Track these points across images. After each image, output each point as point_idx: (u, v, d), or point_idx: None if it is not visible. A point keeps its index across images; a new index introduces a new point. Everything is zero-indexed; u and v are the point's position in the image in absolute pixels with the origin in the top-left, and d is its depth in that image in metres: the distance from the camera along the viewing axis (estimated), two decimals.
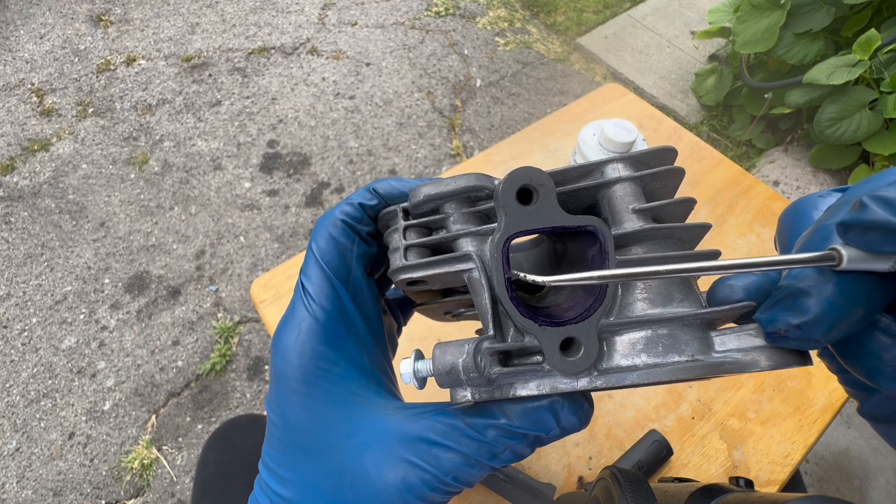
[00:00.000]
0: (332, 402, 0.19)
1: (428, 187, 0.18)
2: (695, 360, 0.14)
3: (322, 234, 0.21)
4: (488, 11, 1.98)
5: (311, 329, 0.20)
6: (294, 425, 0.19)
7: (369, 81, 1.69)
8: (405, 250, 0.19)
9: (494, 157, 0.60)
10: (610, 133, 0.49)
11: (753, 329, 0.15)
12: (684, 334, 0.15)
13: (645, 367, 0.15)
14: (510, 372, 0.15)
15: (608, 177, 0.17)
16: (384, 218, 0.21)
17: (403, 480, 0.17)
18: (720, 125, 1.67)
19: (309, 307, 0.20)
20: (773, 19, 1.37)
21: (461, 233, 0.18)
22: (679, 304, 0.15)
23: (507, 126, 1.62)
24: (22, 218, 1.34)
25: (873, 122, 1.21)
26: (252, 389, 1.12)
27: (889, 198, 0.10)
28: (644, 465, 0.39)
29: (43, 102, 1.57)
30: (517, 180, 0.14)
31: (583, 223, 0.15)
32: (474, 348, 0.15)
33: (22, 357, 1.14)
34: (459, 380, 0.16)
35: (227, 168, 1.46)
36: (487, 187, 0.18)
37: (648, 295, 0.16)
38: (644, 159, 0.18)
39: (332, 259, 0.20)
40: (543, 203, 0.14)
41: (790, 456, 0.42)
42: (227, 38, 1.79)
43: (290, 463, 0.19)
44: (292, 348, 0.20)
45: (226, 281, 1.26)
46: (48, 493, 1.00)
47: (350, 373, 0.20)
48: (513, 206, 0.14)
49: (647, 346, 0.15)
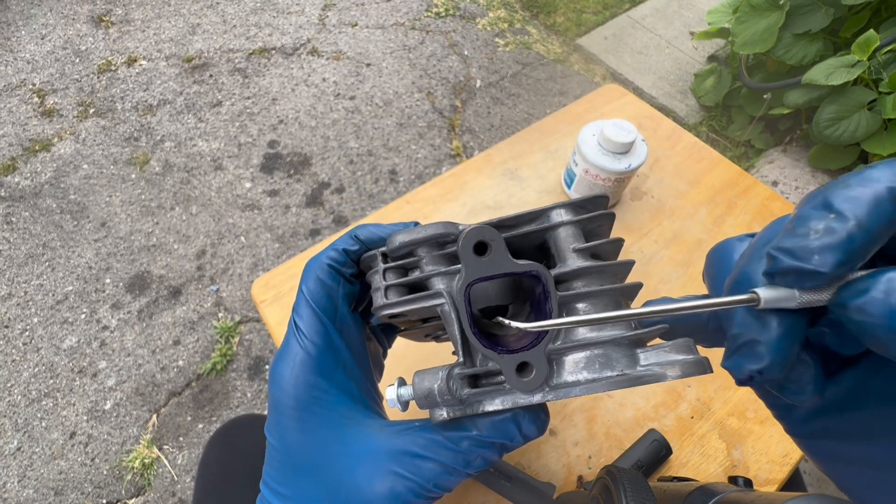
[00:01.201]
0: (325, 425, 0.22)
1: (402, 235, 0.21)
2: (623, 374, 0.18)
3: (311, 277, 0.23)
4: (488, 12, 1.99)
5: (304, 362, 0.22)
6: (292, 448, 0.22)
7: (369, 82, 1.69)
8: (386, 290, 0.22)
9: (494, 157, 0.60)
10: (609, 133, 0.49)
11: (669, 346, 0.18)
12: (616, 353, 0.18)
13: (586, 382, 0.18)
14: (478, 392, 0.19)
15: (553, 221, 0.21)
16: (366, 261, 0.24)
17: (391, 489, 0.20)
18: (719, 125, 1.67)
19: (301, 343, 0.22)
20: (772, 20, 1.37)
21: (433, 273, 0.21)
22: (612, 328, 0.19)
23: (506, 126, 1.62)
24: (23, 218, 1.34)
25: (872, 123, 1.21)
26: (253, 389, 1.12)
27: (787, 248, 0.13)
28: (643, 464, 0.39)
29: (44, 103, 1.58)
30: (473, 237, 0.17)
31: (528, 269, 0.18)
32: (447, 374, 0.19)
33: (23, 357, 1.15)
34: (436, 402, 0.19)
35: (227, 168, 1.46)
36: (453, 233, 0.21)
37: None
38: (582, 204, 0.21)
39: (320, 299, 0.23)
40: (496, 254, 0.17)
41: (789, 455, 0.42)
42: (227, 38, 1.79)
43: (290, 481, 0.21)
44: (288, 379, 0.22)
45: (226, 281, 1.26)
46: (49, 493, 1.00)
47: (340, 399, 0.22)
48: (471, 258, 0.17)
49: (587, 364, 0.18)
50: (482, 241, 0.17)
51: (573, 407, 0.44)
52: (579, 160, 0.52)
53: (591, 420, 0.43)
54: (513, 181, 0.59)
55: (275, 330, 0.47)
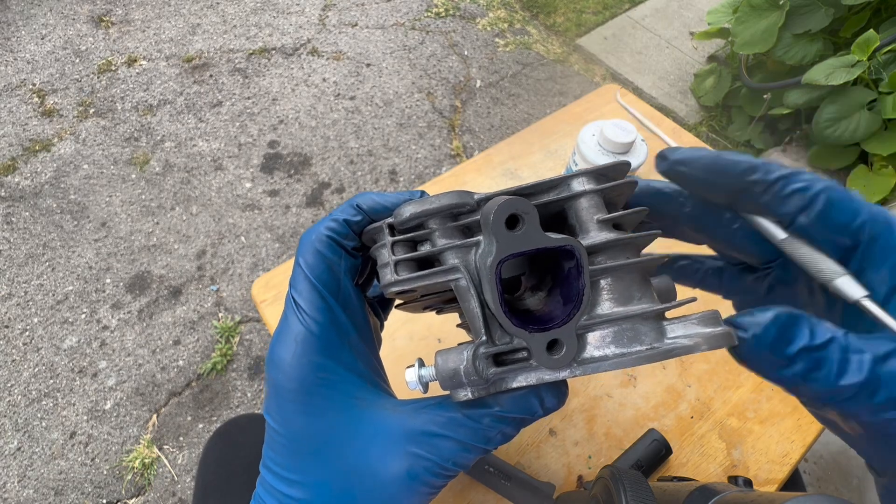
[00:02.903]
0: (333, 407, 0.21)
1: (412, 206, 0.20)
2: (652, 348, 0.17)
3: (309, 251, 0.22)
4: (488, 12, 1.99)
5: (308, 341, 0.21)
6: (298, 432, 0.20)
7: (370, 82, 1.69)
8: (395, 265, 0.20)
9: (494, 157, 0.60)
10: (609, 133, 0.49)
11: (696, 318, 0.18)
12: (643, 326, 0.18)
13: (614, 357, 0.17)
14: (504, 371, 0.18)
15: (574, 190, 0.20)
16: (370, 233, 0.22)
17: (409, 470, 0.19)
18: (719, 125, 1.67)
19: (303, 321, 0.21)
20: (772, 20, 1.37)
21: (447, 247, 0.20)
22: (638, 302, 0.18)
23: (506, 126, 1.62)
24: (23, 218, 1.34)
25: (872, 123, 1.21)
26: (253, 389, 1.12)
27: None
28: (643, 464, 0.39)
29: (44, 103, 1.58)
30: (505, 210, 0.16)
31: (562, 244, 0.17)
32: (472, 354, 0.18)
33: (23, 357, 1.15)
34: (462, 382, 0.18)
35: (227, 168, 1.46)
36: (468, 203, 0.20)
37: (613, 295, 0.19)
38: (604, 172, 0.20)
39: (321, 273, 0.21)
40: (528, 228, 0.16)
41: (789, 455, 0.42)
42: (228, 38, 1.79)
43: (298, 466, 0.20)
44: (290, 361, 0.21)
45: (227, 281, 1.26)
46: (49, 493, 1.00)
47: (348, 378, 0.21)
48: (502, 232, 0.16)
49: (615, 338, 0.18)
50: (516, 213, 0.16)
51: (573, 407, 0.44)
52: (579, 160, 0.52)
53: (591, 420, 0.43)
54: (513, 181, 0.59)
55: (275, 330, 0.47)
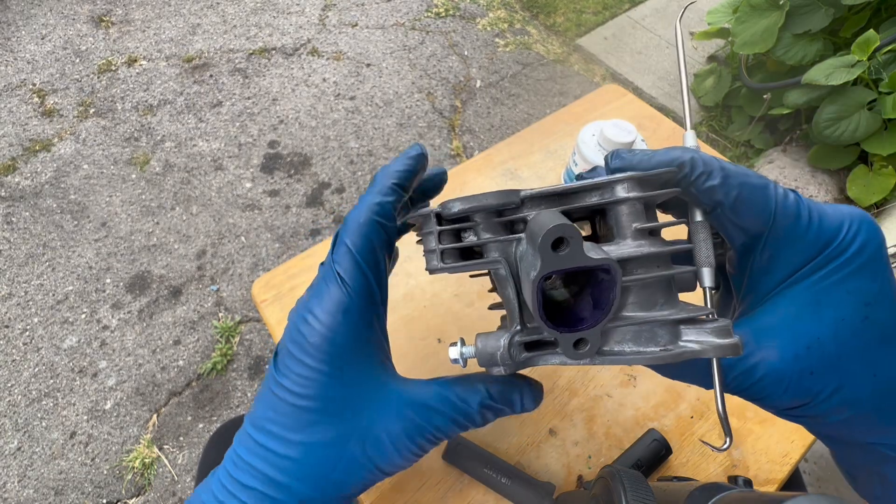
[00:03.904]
0: (363, 374, 0.23)
1: (461, 202, 0.22)
2: (666, 349, 0.19)
3: (356, 231, 0.23)
4: (488, 12, 1.99)
5: (349, 312, 0.22)
6: (320, 394, 0.22)
7: (370, 82, 1.69)
8: (441, 253, 0.23)
9: (494, 157, 0.60)
10: (609, 134, 0.49)
11: (710, 328, 0.19)
12: (661, 329, 0.20)
13: (631, 353, 0.20)
14: (534, 356, 0.21)
15: (618, 196, 0.21)
16: (417, 218, 0.24)
17: (405, 431, 0.23)
18: (719, 126, 1.67)
19: (346, 292, 0.23)
20: (772, 20, 1.37)
21: (491, 240, 0.22)
22: (660, 308, 0.20)
23: (506, 127, 1.62)
24: (23, 218, 1.34)
25: (872, 123, 1.21)
26: (253, 389, 1.12)
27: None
28: (643, 464, 0.39)
29: (44, 103, 1.58)
30: (553, 234, 0.18)
31: (601, 264, 0.18)
32: (508, 342, 0.21)
33: (23, 356, 1.15)
34: (497, 363, 0.22)
35: (228, 168, 1.46)
36: (513, 201, 0.22)
37: (638, 300, 0.20)
38: (650, 179, 0.21)
39: (366, 253, 0.23)
40: (572, 249, 0.18)
41: (789, 455, 0.42)
42: (228, 38, 1.79)
43: (304, 426, 0.22)
44: (329, 327, 0.22)
45: (227, 281, 1.26)
46: (49, 492, 1.00)
47: (375, 349, 0.24)
48: (548, 252, 0.18)
49: (634, 337, 0.20)
50: (562, 237, 0.18)
51: (573, 407, 0.44)
52: (579, 160, 0.52)
53: (591, 420, 0.43)
54: (513, 181, 0.59)
55: (275, 329, 0.47)
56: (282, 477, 0.22)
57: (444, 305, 0.48)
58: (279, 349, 0.23)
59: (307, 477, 0.22)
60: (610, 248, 0.21)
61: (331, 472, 0.22)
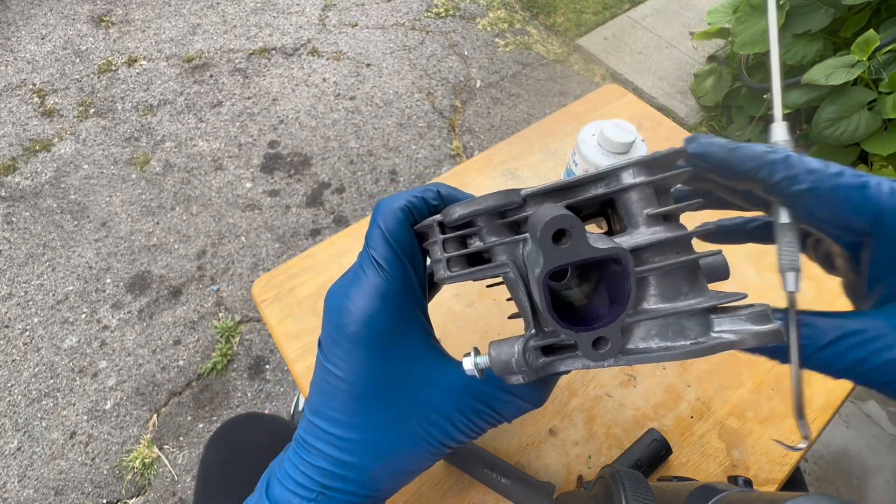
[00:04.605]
0: (410, 355, 0.23)
1: (460, 207, 0.21)
2: (697, 343, 0.18)
3: (391, 216, 0.23)
4: (488, 13, 1.99)
5: (388, 296, 0.23)
6: (370, 377, 0.23)
7: (370, 82, 1.69)
8: (447, 262, 0.22)
9: (494, 157, 0.60)
10: (609, 134, 0.49)
11: (745, 314, 0.18)
12: (689, 321, 0.18)
13: (658, 350, 0.18)
14: (551, 360, 0.20)
15: (624, 183, 0.20)
16: (422, 227, 0.24)
17: (460, 409, 0.23)
18: (719, 126, 1.67)
19: (384, 277, 0.23)
20: None
21: (496, 243, 0.21)
22: (686, 297, 0.18)
23: (506, 126, 1.62)
24: (23, 218, 1.34)
25: (872, 123, 1.21)
26: (253, 389, 1.13)
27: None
28: (643, 464, 0.39)
29: (44, 103, 1.58)
30: (551, 227, 0.16)
31: (609, 254, 0.17)
32: (523, 347, 0.20)
33: (23, 356, 1.15)
34: (513, 370, 0.20)
35: (228, 168, 1.46)
36: (514, 201, 0.21)
37: (660, 290, 0.19)
38: (656, 161, 0.20)
39: (401, 239, 0.23)
40: (575, 240, 0.17)
41: (789, 455, 0.42)
42: (228, 38, 1.79)
43: (360, 409, 0.23)
44: (370, 312, 0.22)
45: (227, 281, 1.26)
46: (49, 492, 1.00)
47: (419, 331, 0.24)
48: (549, 245, 0.17)
49: (660, 332, 0.18)
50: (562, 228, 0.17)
51: (573, 406, 0.44)
52: (579, 160, 0.52)
53: (591, 420, 0.43)
54: (513, 181, 0.59)
55: (275, 330, 0.47)
56: (348, 457, 0.23)
57: (445, 305, 0.48)
58: (322, 336, 0.24)
59: (373, 455, 0.23)
60: (622, 239, 0.19)
61: (395, 448, 0.23)
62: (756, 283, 0.50)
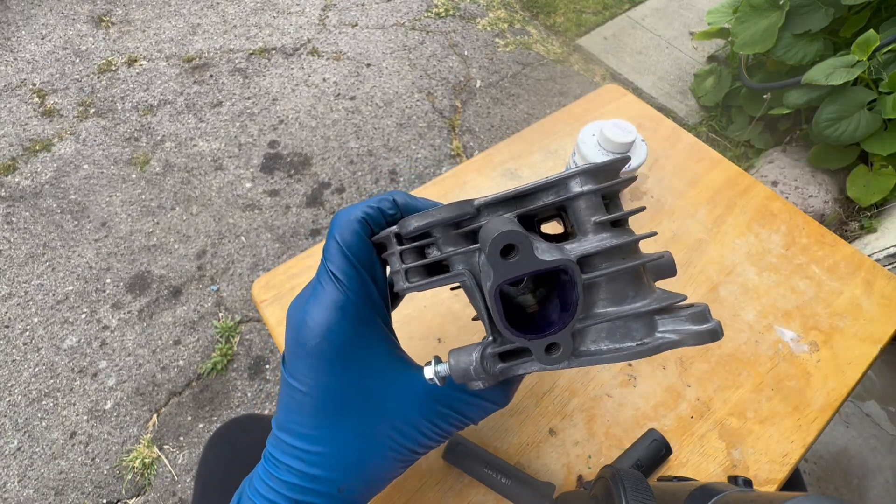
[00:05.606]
0: (371, 367, 0.23)
1: (416, 219, 0.21)
2: (643, 344, 0.19)
3: (347, 228, 0.23)
4: (488, 13, 1.99)
5: (347, 309, 0.23)
6: (332, 391, 0.23)
7: (370, 82, 1.69)
8: (406, 273, 0.22)
9: (494, 157, 0.60)
10: (609, 134, 0.49)
11: (685, 315, 0.19)
12: (635, 323, 0.19)
13: (608, 352, 0.19)
14: (508, 366, 0.21)
15: (572, 191, 0.21)
16: (379, 239, 0.24)
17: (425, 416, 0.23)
18: (719, 126, 1.67)
19: (342, 290, 0.23)
20: (772, 20, 1.37)
21: (452, 253, 0.22)
22: (632, 301, 0.20)
23: (506, 126, 1.62)
24: (23, 218, 1.34)
25: (872, 123, 1.21)
26: (253, 389, 1.13)
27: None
28: (643, 463, 0.39)
29: (44, 103, 1.58)
30: (499, 243, 0.17)
31: (556, 265, 0.18)
32: (480, 355, 0.21)
33: (23, 356, 1.15)
34: (472, 377, 0.21)
35: (228, 168, 1.46)
36: (468, 212, 0.21)
37: (608, 296, 0.20)
38: (602, 169, 0.21)
39: (358, 251, 0.23)
40: (522, 254, 0.17)
41: (789, 455, 0.42)
42: (228, 38, 1.79)
43: (324, 422, 0.23)
44: (329, 326, 0.22)
45: (227, 281, 1.26)
46: (49, 492, 1.00)
47: (381, 343, 0.24)
48: (498, 260, 0.17)
49: (609, 334, 0.19)
50: (510, 243, 0.18)
51: (573, 406, 0.44)
52: (579, 160, 0.52)
53: (591, 420, 0.43)
54: (513, 181, 0.59)
55: (275, 330, 0.47)
56: (316, 471, 0.23)
57: (444, 305, 0.48)
58: (285, 351, 0.24)
59: (339, 466, 0.23)
60: (572, 246, 0.20)
61: (362, 458, 0.23)
62: (756, 283, 0.50)
